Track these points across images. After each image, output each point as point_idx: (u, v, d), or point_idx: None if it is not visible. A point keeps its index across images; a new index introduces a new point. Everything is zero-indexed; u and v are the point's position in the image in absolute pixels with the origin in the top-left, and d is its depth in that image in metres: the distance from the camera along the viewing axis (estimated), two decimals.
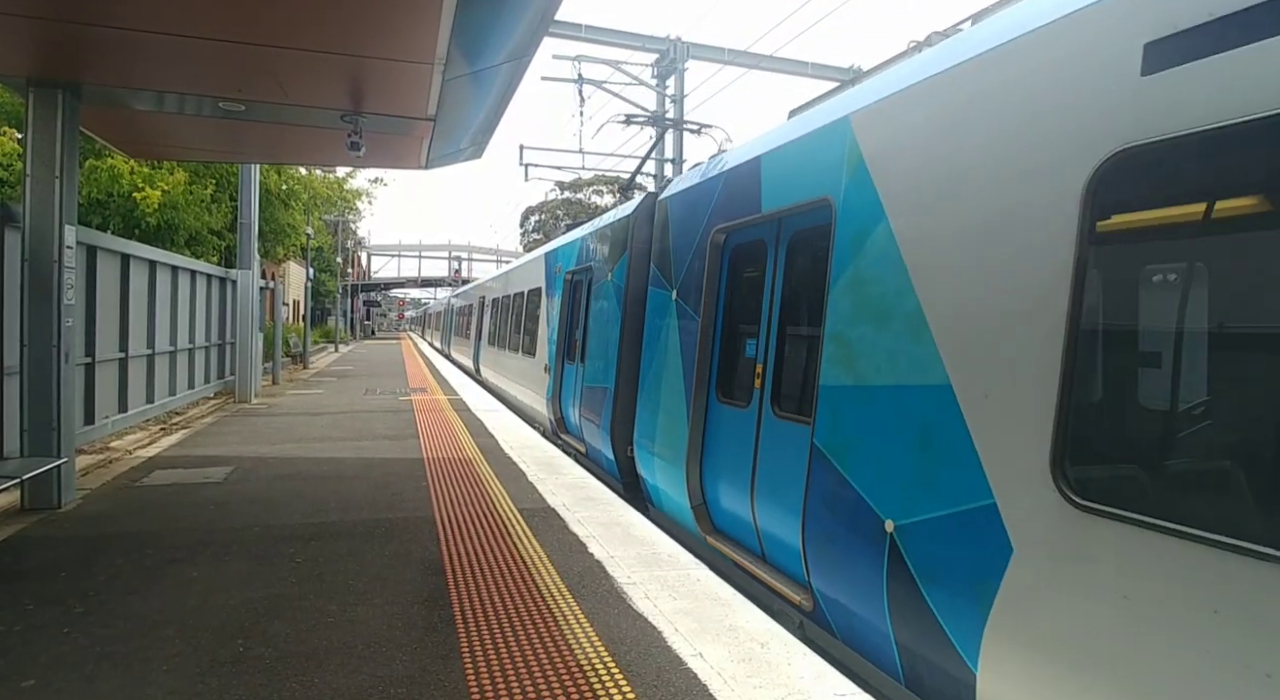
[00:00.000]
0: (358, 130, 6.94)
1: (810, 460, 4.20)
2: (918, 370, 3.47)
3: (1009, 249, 3.04)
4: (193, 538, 5.35)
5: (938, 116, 3.56)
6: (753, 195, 5.29)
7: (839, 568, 3.97)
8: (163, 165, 15.07)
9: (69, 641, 3.63)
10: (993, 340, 3.07)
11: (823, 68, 19.04)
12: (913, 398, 3.50)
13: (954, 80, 3.49)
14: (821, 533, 4.10)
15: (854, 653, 3.93)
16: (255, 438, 9.72)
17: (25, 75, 6.01)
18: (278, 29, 5.10)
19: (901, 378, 3.59)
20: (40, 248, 5.98)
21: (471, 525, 5.76)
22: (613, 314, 8.31)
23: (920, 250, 3.56)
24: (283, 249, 22.98)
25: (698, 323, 6.01)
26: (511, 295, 15.98)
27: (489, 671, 3.38)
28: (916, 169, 3.66)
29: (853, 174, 4.10)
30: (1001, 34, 3.27)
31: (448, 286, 60.31)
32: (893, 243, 3.73)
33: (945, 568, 3.22)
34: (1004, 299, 3.03)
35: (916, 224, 3.62)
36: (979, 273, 3.18)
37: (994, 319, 3.07)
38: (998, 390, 3.01)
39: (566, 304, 10.71)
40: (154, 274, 10.71)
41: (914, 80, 3.79)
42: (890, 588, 3.52)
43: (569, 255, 11.00)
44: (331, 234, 36.87)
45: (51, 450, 6.04)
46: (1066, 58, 2.87)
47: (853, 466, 3.88)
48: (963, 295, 3.26)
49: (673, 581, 4.57)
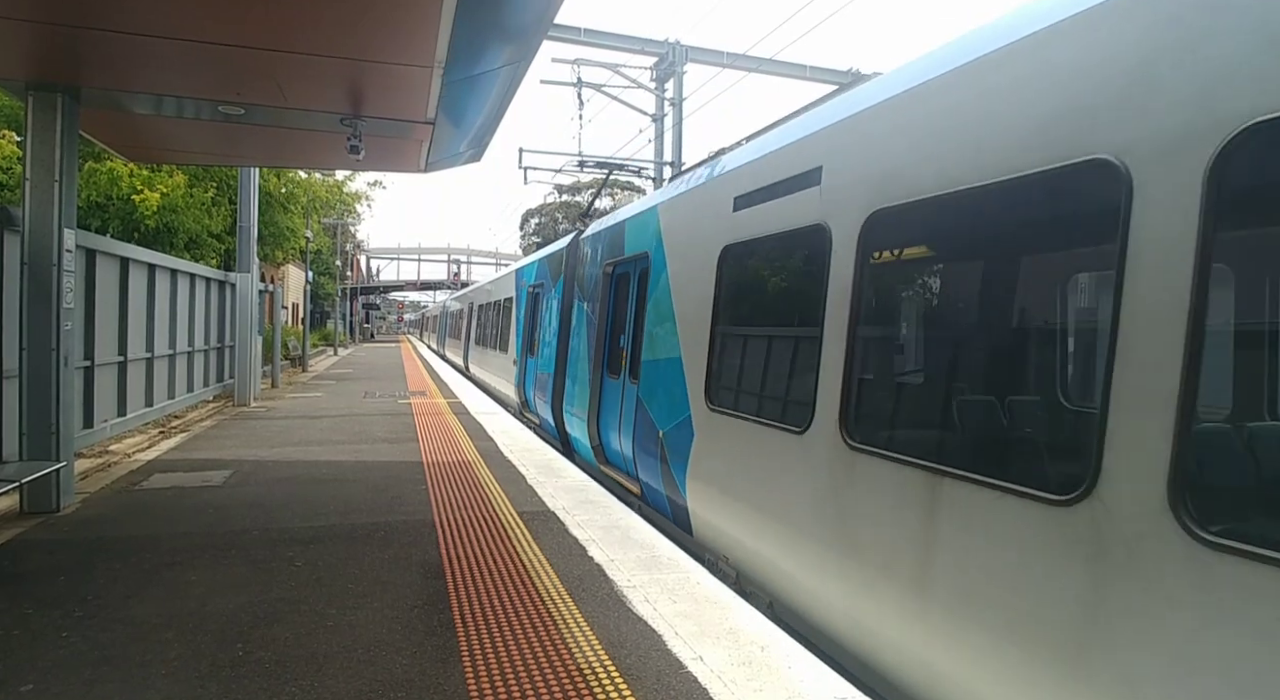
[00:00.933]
0: (357, 134, 6.94)
1: (636, 406, 7.12)
2: (673, 350, 6.29)
3: (698, 287, 5.90)
4: (192, 541, 5.34)
5: (681, 214, 6.64)
6: (621, 245, 8.25)
7: (645, 464, 6.84)
8: (162, 168, 15.08)
9: (68, 645, 3.63)
10: (692, 333, 5.99)
11: (821, 71, 19.05)
12: (670, 365, 6.31)
13: (682, 199, 6.61)
14: (639, 445, 7.00)
15: (654, 511, 6.71)
16: (254, 441, 9.71)
17: (25, 79, 6.01)
18: (277, 33, 5.10)
19: (669, 354, 6.37)
20: (39, 251, 5.98)
21: (471, 528, 5.75)
22: (554, 318, 11.21)
23: (677, 285, 6.42)
24: (282, 252, 23.00)
25: (596, 325, 8.94)
26: (491, 302, 19.35)
27: (489, 675, 3.37)
28: (677, 241, 6.61)
29: (657, 239, 7.02)
30: (695, 180, 6.43)
31: (447, 289, 60.35)
32: (668, 279, 6.61)
33: (676, 448, 6.06)
34: (697, 310, 5.92)
35: (677, 270, 6.49)
36: (691, 298, 6.09)
37: (694, 322, 5.96)
38: (693, 360, 5.92)
39: (529, 311, 13.63)
40: (153, 277, 10.71)
41: (675, 193, 6.85)
42: (661, 467, 6.37)
43: (530, 273, 14.09)
44: (331, 237, 36.90)
45: (50, 454, 6.03)
46: (711, 200, 5.85)
47: (651, 405, 6.75)
48: (686, 308, 6.17)
49: (672, 584, 4.56)
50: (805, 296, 4.52)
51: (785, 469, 4.43)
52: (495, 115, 7.40)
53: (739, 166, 5.52)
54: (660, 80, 19.89)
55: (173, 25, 4.98)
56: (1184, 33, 2.44)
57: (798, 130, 4.86)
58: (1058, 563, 2.64)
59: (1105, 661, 2.45)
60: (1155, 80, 2.51)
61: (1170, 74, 2.46)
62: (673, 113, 19.62)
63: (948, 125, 3.45)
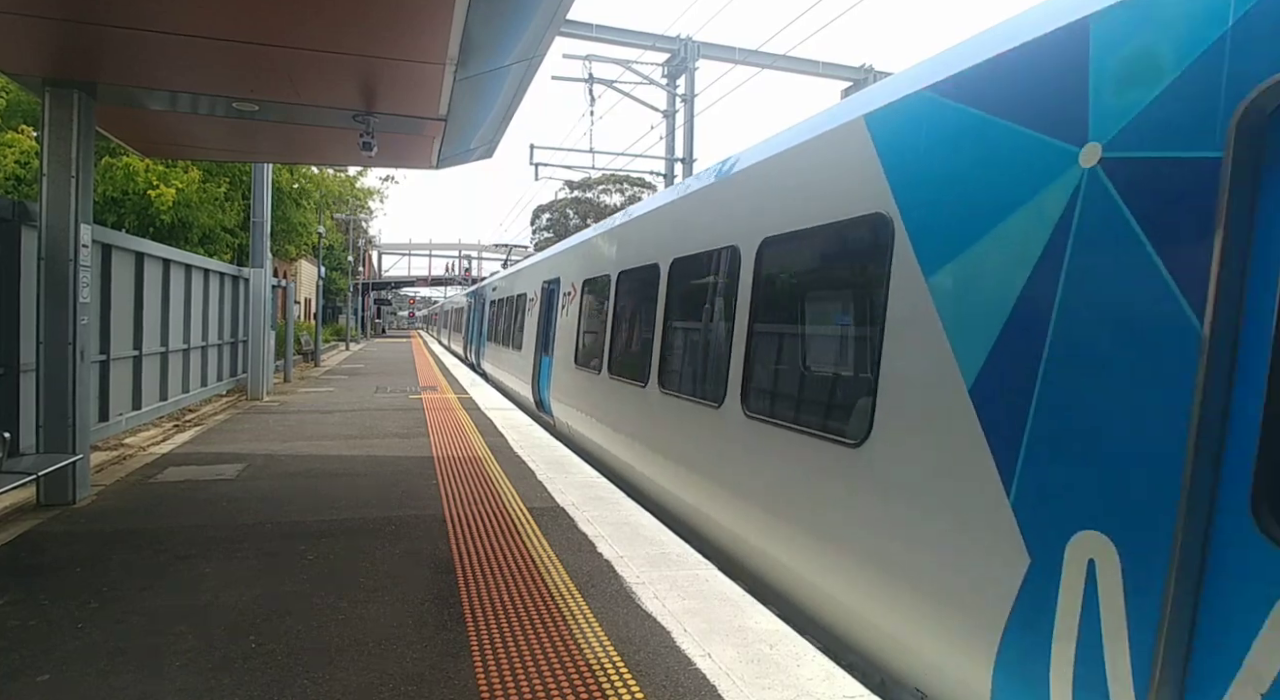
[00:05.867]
0: (369, 130, 6.97)
1: (549, 370, 11.70)
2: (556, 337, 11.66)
3: (533, 314, 13.67)
4: (205, 534, 5.39)
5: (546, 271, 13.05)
6: (539, 276, 13.49)
7: (548, 400, 11.74)
8: (177, 164, 15.19)
9: (83, 636, 3.67)
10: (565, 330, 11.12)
11: (834, 67, 18.96)
12: (560, 344, 11.27)
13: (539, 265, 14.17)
14: (549, 391, 11.72)
15: (547, 417, 11.81)
16: (267, 435, 9.79)
17: (42, 75, 6.06)
18: (291, 30, 5.12)
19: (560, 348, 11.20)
20: (56, 246, 6.04)
21: (481, 524, 5.78)
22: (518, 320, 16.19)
23: (562, 309, 11.25)
24: (295, 247, 23.12)
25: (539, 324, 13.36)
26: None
27: (498, 670, 3.39)
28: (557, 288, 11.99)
29: (552, 280, 12.28)
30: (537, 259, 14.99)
31: (458, 285, 60.54)
32: (560, 305, 11.51)
33: (548, 380, 11.79)
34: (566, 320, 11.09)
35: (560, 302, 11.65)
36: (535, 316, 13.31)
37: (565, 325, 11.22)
38: (564, 342, 10.97)
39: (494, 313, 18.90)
40: (168, 272, 10.81)
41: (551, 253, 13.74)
42: (539, 393, 12.57)
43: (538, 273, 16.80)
44: (343, 232, 37.05)
45: (67, 447, 6.10)
46: (543, 273, 13.24)
47: (544, 375, 12.27)
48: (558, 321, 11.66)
49: (681, 581, 4.57)
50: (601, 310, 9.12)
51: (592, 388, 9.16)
52: (507, 112, 7.41)
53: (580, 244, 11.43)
54: (672, 76, 19.84)
55: (188, 22, 5.01)
56: None
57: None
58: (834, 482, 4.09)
59: (861, 531, 3.78)
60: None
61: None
62: (684, 109, 19.58)
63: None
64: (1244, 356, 2.22)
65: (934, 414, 3.30)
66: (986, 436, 2.99)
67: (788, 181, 4.83)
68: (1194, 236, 2.32)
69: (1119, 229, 2.54)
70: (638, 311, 7.82)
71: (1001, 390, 2.95)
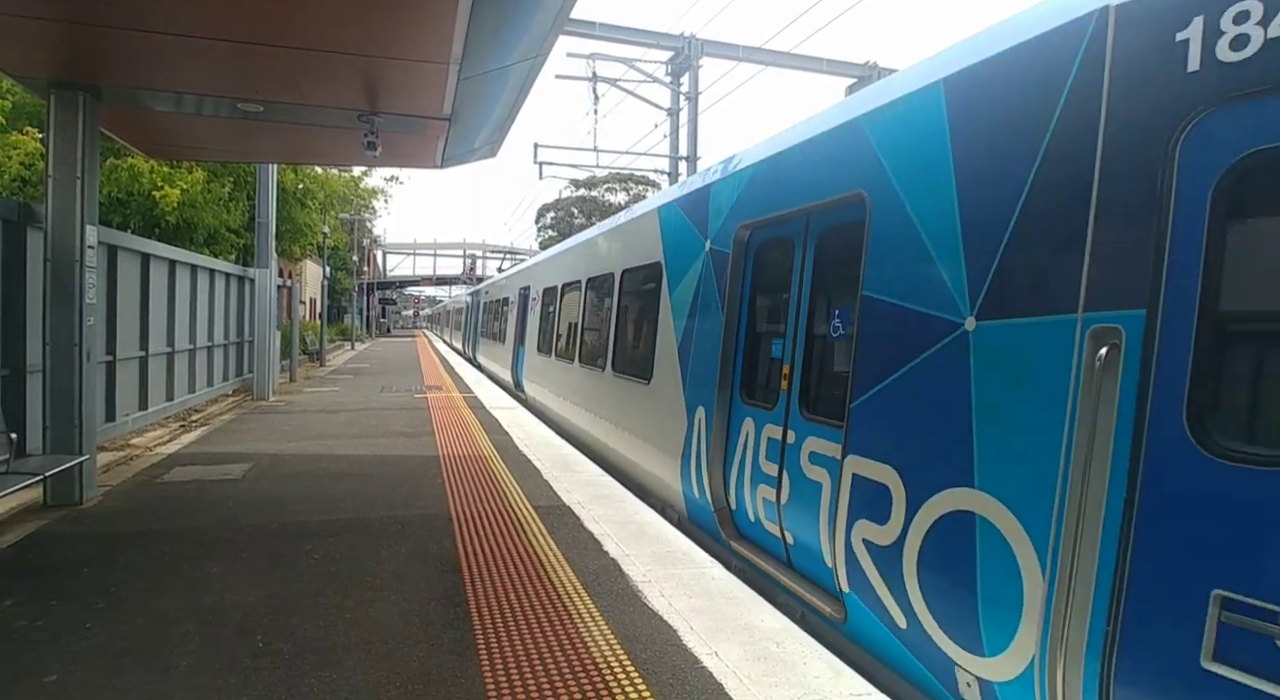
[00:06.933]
0: (374, 130, 6.96)
1: (522, 357, 15.40)
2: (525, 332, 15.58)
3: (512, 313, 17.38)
4: (211, 534, 5.40)
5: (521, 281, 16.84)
6: (516, 284, 17.17)
7: (522, 380, 15.28)
8: (182, 165, 15.23)
9: (90, 637, 3.68)
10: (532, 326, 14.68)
11: (838, 64, 18.91)
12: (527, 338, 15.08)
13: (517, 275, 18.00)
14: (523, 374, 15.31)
15: (521, 394, 15.39)
16: (273, 435, 9.81)
17: (47, 77, 6.08)
18: (295, 30, 5.12)
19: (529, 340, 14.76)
20: (62, 247, 6.06)
21: (487, 522, 5.78)
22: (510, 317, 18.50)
23: (530, 310, 14.93)
24: (299, 247, 23.16)
25: (516, 321, 16.45)
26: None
27: (505, 668, 3.39)
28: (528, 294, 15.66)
29: (525, 287, 15.98)
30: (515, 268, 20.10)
31: (462, 284, 60.60)
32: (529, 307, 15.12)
33: (521, 364, 15.55)
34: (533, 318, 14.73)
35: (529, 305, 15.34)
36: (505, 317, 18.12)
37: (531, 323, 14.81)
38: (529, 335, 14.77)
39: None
40: (173, 273, 10.82)
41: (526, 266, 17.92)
42: (516, 375, 16.11)
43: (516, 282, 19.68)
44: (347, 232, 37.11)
45: (73, 447, 6.12)
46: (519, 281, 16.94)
47: (519, 361, 15.78)
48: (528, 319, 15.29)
49: (688, 579, 4.56)
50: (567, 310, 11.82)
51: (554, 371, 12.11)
52: (511, 111, 7.40)
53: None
54: (675, 74, 19.82)
55: (192, 24, 5.01)
56: None
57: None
58: (643, 402, 7.26)
59: (648, 423, 7.12)
60: None
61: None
62: (688, 107, 19.56)
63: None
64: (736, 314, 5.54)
65: (670, 363, 6.47)
66: (681, 371, 6.25)
67: (631, 237, 8.27)
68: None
69: (708, 275, 5.92)
70: (570, 313, 11.33)
71: (681, 350, 6.29)
